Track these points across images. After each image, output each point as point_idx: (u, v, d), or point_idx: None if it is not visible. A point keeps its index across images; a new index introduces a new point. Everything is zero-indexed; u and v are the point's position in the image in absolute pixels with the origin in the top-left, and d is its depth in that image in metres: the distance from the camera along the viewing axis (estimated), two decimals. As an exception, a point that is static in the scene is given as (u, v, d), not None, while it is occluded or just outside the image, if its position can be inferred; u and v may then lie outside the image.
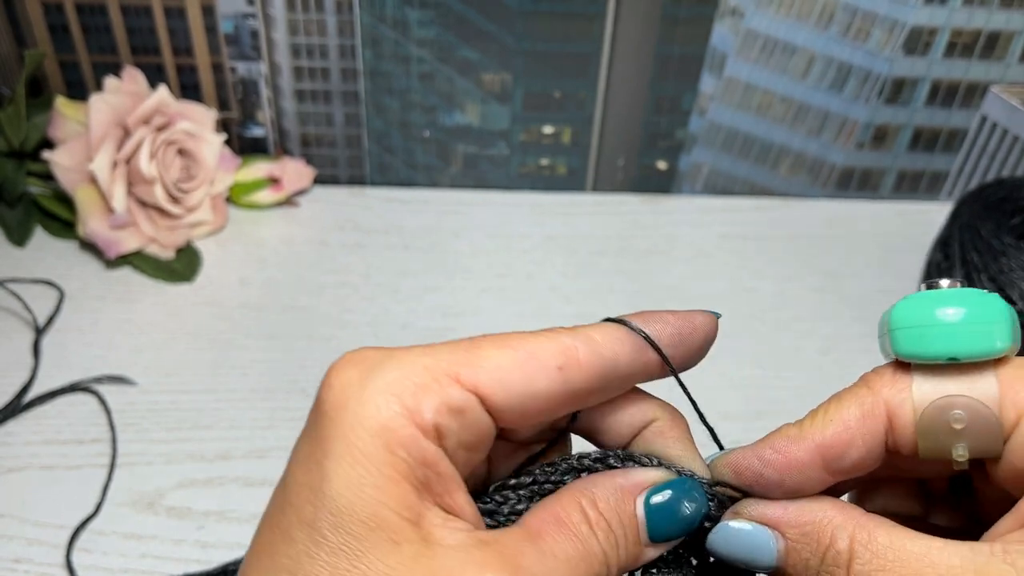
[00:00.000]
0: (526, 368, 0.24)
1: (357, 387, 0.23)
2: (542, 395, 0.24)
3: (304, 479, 0.23)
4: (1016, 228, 0.68)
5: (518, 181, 0.85)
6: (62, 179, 0.69)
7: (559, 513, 0.25)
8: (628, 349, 0.26)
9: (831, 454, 0.25)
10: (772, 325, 0.71)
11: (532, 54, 0.77)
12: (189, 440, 0.59)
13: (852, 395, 0.25)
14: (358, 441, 0.23)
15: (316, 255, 0.76)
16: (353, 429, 0.23)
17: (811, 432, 0.25)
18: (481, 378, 0.24)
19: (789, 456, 0.25)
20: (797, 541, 0.25)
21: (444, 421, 0.23)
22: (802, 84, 0.80)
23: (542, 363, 0.24)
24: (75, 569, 0.51)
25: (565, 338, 0.25)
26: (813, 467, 0.25)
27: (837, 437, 0.25)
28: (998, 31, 0.76)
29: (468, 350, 0.24)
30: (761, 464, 0.26)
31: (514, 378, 0.24)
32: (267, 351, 0.66)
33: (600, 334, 0.26)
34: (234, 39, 0.77)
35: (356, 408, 0.23)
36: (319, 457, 0.23)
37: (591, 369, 0.25)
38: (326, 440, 0.23)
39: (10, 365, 0.63)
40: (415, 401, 0.23)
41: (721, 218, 0.82)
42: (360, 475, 0.23)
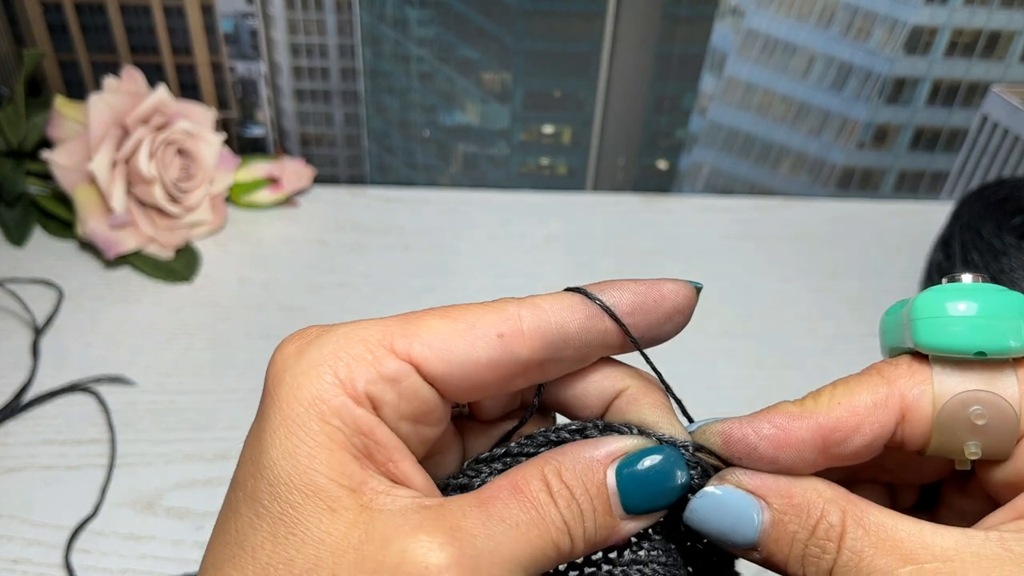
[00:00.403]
0: (465, 337, 0.24)
1: (293, 360, 0.24)
2: (483, 363, 0.24)
3: (247, 456, 0.24)
4: (1017, 228, 0.68)
5: (518, 181, 0.85)
6: (61, 179, 0.69)
7: (516, 480, 0.24)
8: (579, 317, 0.25)
9: (834, 438, 0.24)
10: (772, 325, 0.70)
11: (532, 54, 0.77)
12: (188, 440, 0.59)
13: (863, 382, 0.25)
14: (291, 412, 0.23)
15: (316, 255, 0.75)
16: (287, 401, 0.23)
17: (815, 412, 0.24)
18: (415, 348, 0.24)
19: (789, 433, 0.24)
20: (785, 512, 0.24)
21: (377, 390, 0.24)
22: (803, 84, 0.80)
23: (481, 331, 0.24)
24: (74, 569, 0.51)
25: (510, 307, 0.25)
26: (811, 448, 0.24)
27: (843, 421, 0.24)
28: (999, 31, 0.76)
29: (407, 321, 0.24)
30: (757, 437, 0.25)
31: (452, 347, 0.24)
32: (266, 351, 0.65)
33: (549, 302, 0.25)
34: (233, 38, 0.77)
35: (290, 380, 0.23)
36: (258, 431, 0.24)
37: (536, 337, 0.25)
38: (265, 414, 0.24)
39: (9, 365, 0.63)
40: (347, 371, 0.23)
41: (721, 218, 0.82)
42: (295, 444, 0.23)
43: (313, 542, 0.22)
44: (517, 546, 0.23)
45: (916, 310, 0.24)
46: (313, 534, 0.22)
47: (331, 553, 0.22)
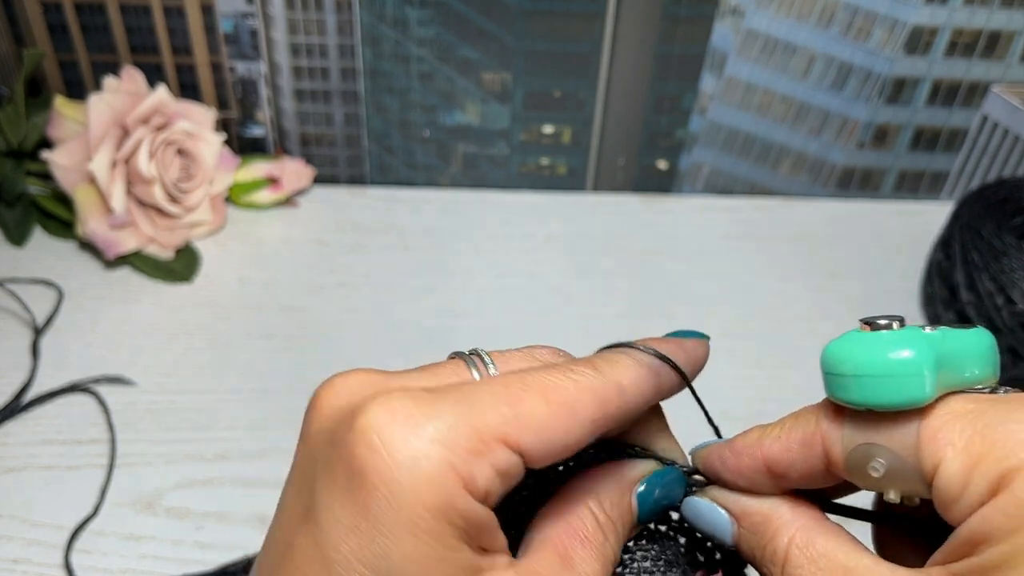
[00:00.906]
0: (565, 424, 0.24)
1: (407, 453, 0.22)
2: (574, 445, 0.25)
3: (356, 552, 0.22)
4: (1017, 228, 0.68)
5: (518, 181, 0.85)
6: (61, 179, 0.69)
7: (577, 527, 0.26)
8: (650, 387, 0.27)
9: (776, 469, 0.26)
10: (772, 325, 0.70)
11: (532, 54, 0.77)
12: (188, 440, 0.59)
13: (803, 418, 0.26)
14: (419, 520, 0.22)
15: (316, 255, 0.75)
16: (412, 507, 0.22)
17: (762, 444, 0.26)
18: (525, 439, 0.23)
19: (739, 463, 0.27)
20: (746, 530, 0.27)
21: (494, 486, 0.23)
22: (803, 84, 0.80)
23: (580, 419, 0.24)
24: (74, 569, 0.51)
25: (598, 386, 0.25)
26: (760, 475, 0.26)
27: (780, 456, 0.26)
28: (999, 31, 0.76)
29: (511, 405, 0.23)
30: (720, 464, 0.27)
31: (554, 436, 0.24)
32: (266, 351, 0.66)
33: (627, 377, 0.26)
34: (233, 38, 0.77)
35: (410, 481, 0.22)
36: (371, 532, 0.22)
37: (619, 417, 0.26)
38: (379, 514, 0.22)
39: (9, 365, 0.63)
40: (468, 469, 0.22)
41: (721, 218, 0.82)
42: (425, 553, 0.22)
43: None
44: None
45: (821, 362, 0.25)
46: None
47: None
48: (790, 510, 0.26)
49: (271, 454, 0.58)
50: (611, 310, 0.70)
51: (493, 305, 0.71)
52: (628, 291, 0.73)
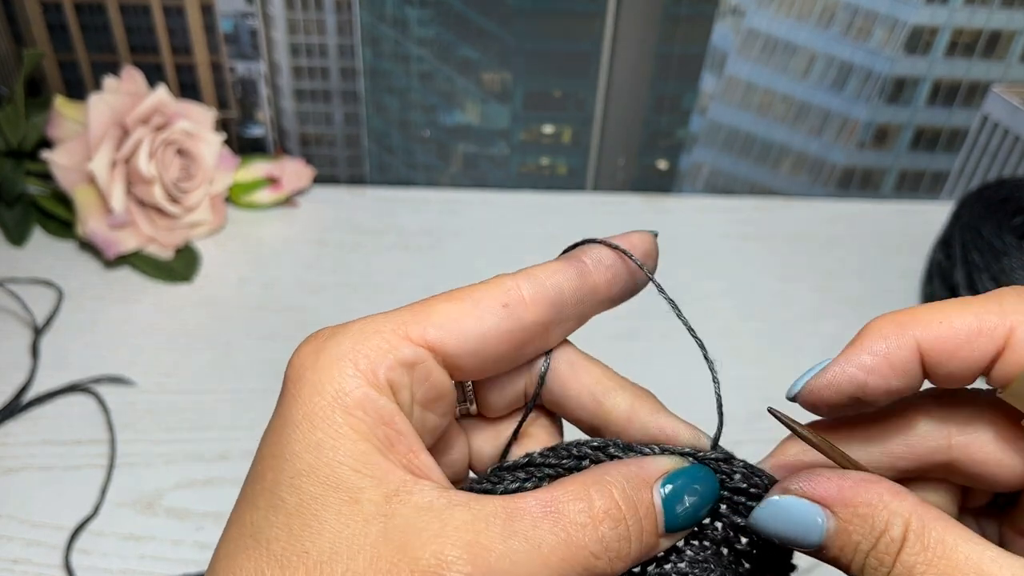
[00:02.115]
0: (473, 313, 0.25)
1: (312, 359, 0.24)
2: (493, 334, 0.25)
3: (266, 450, 0.24)
4: (1017, 228, 0.67)
5: (518, 181, 0.85)
6: (61, 179, 0.69)
7: (553, 497, 0.23)
8: (572, 276, 0.27)
9: (931, 358, 0.24)
10: (772, 325, 0.70)
11: (532, 53, 0.77)
12: (188, 440, 0.59)
13: (976, 304, 0.24)
14: (314, 406, 0.23)
15: (315, 255, 0.75)
16: (310, 396, 0.24)
17: (914, 326, 0.24)
18: (429, 331, 0.25)
19: (892, 358, 0.24)
20: (849, 522, 0.24)
21: (396, 376, 0.24)
22: (803, 83, 0.80)
23: (487, 305, 0.25)
24: (74, 570, 0.51)
25: (507, 280, 0.26)
26: (914, 368, 0.24)
27: (942, 342, 0.24)
28: (999, 30, 0.76)
29: (417, 309, 0.25)
30: (864, 372, 0.24)
31: (463, 324, 0.25)
32: (266, 351, 0.66)
33: (541, 269, 0.27)
34: (233, 38, 0.77)
35: (311, 377, 0.24)
36: (279, 426, 0.24)
37: (538, 301, 0.26)
38: (285, 410, 0.24)
39: (9, 365, 0.63)
40: (367, 362, 0.24)
41: (721, 218, 0.82)
42: (319, 438, 0.23)
43: (330, 534, 0.22)
44: (538, 569, 0.22)
45: None
46: (331, 526, 0.22)
47: (347, 547, 0.22)
48: (893, 495, 0.23)
49: (271, 454, 0.58)
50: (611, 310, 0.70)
51: (493, 305, 0.71)
52: (628, 291, 0.73)
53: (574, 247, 0.28)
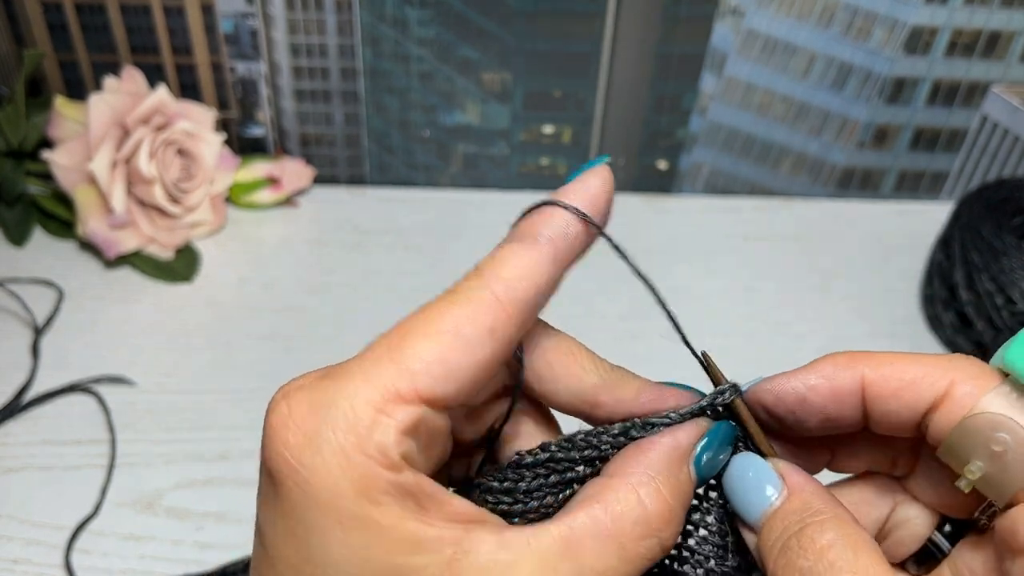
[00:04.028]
0: (458, 347, 0.23)
1: (308, 452, 0.22)
2: (482, 364, 0.24)
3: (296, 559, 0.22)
4: (1017, 228, 0.68)
5: (518, 181, 0.85)
6: (61, 179, 0.69)
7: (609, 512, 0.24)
8: (544, 267, 0.25)
9: (871, 392, 0.24)
10: (772, 325, 0.70)
11: (532, 54, 0.77)
12: (188, 440, 0.59)
13: (928, 359, 0.25)
14: (341, 511, 0.22)
15: (316, 255, 0.75)
16: (332, 500, 0.22)
17: (862, 365, 0.25)
18: (419, 381, 0.23)
19: (835, 382, 0.25)
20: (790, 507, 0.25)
21: (405, 448, 0.22)
22: (803, 84, 0.80)
23: (472, 334, 0.23)
24: (74, 570, 0.51)
25: (482, 294, 0.24)
26: (852, 401, 0.25)
27: (887, 380, 0.24)
28: (999, 31, 0.76)
29: (396, 356, 0.23)
30: (805, 388, 0.25)
31: (451, 364, 0.23)
32: (266, 351, 0.66)
33: (509, 267, 0.25)
34: (233, 38, 0.77)
35: (322, 478, 0.22)
36: (305, 535, 0.22)
37: (519, 312, 0.24)
38: (306, 515, 0.22)
39: (9, 365, 0.63)
40: (374, 445, 0.22)
41: (721, 218, 0.82)
42: (359, 539, 0.22)
43: None
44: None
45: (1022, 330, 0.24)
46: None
47: None
48: (847, 511, 0.24)
49: (271, 454, 0.58)
50: (611, 310, 0.70)
51: (493, 305, 0.71)
52: (628, 291, 0.73)
53: (530, 211, 0.26)
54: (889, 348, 0.26)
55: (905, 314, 0.72)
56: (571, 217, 0.26)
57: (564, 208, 0.26)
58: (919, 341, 0.69)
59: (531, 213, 0.26)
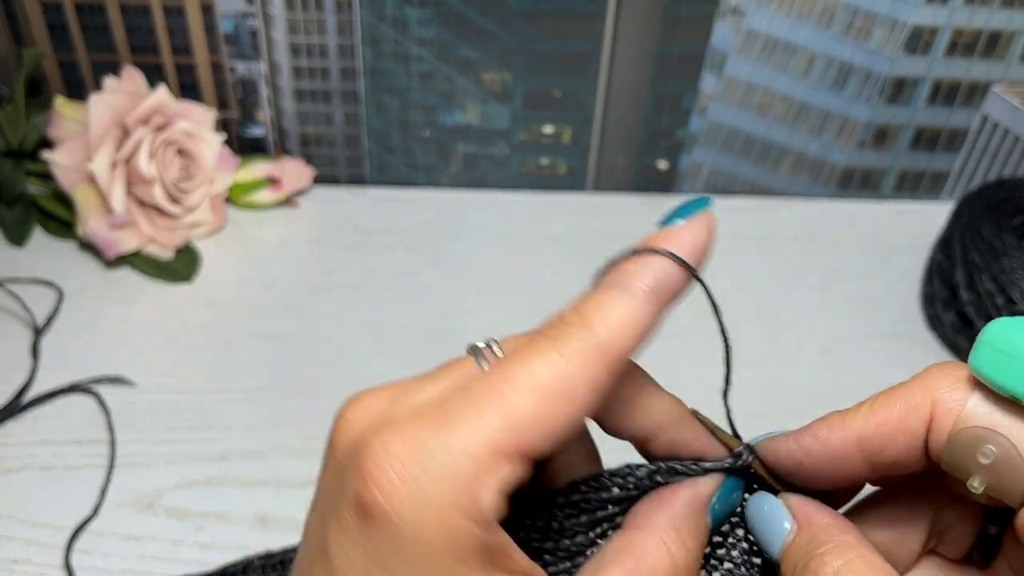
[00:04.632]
0: (562, 411, 0.23)
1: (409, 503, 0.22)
2: (583, 416, 0.23)
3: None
4: (1017, 228, 0.67)
5: (518, 181, 0.85)
6: (61, 179, 0.69)
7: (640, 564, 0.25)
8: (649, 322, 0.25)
9: (870, 446, 0.25)
10: (773, 325, 0.70)
11: (532, 54, 0.77)
12: (188, 440, 0.59)
13: (904, 389, 0.25)
14: (429, 560, 0.21)
15: (316, 255, 0.75)
16: (419, 548, 0.21)
17: (854, 423, 0.25)
18: (523, 440, 0.22)
19: (829, 445, 0.25)
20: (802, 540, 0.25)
21: (497, 502, 0.22)
22: (803, 83, 0.80)
23: (577, 396, 0.23)
24: (74, 570, 0.51)
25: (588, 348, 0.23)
26: (852, 458, 0.25)
27: (878, 429, 0.25)
28: (999, 31, 0.76)
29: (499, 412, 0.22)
30: (802, 452, 0.26)
31: (553, 424, 0.22)
32: (266, 351, 0.66)
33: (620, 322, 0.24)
34: (233, 38, 0.77)
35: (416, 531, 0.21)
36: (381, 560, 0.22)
37: (620, 365, 0.24)
38: (388, 556, 0.22)
39: (9, 365, 0.63)
40: (470, 500, 0.22)
41: (721, 218, 0.81)
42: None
43: None
44: None
45: (984, 333, 0.24)
46: None
47: None
48: (856, 536, 0.25)
49: (271, 454, 0.58)
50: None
51: (493, 305, 0.71)
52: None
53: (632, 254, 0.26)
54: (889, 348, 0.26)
55: (905, 314, 0.72)
56: (674, 267, 0.26)
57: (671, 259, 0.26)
58: (919, 341, 0.69)
59: (633, 258, 0.26)
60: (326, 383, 0.63)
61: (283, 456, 0.58)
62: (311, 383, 0.63)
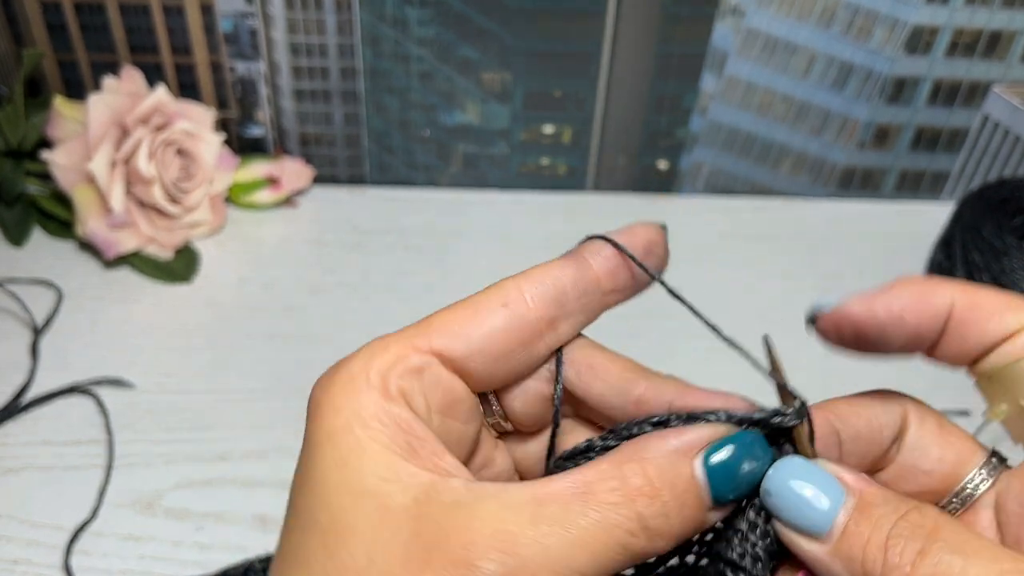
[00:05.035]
0: (474, 316, 0.26)
1: (326, 383, 0.25)
2: (495, 332, 0.26)
3: (297, 478, 0.24)
4: (1018, 228, 0.67)
5: (518, 181, 0.85)
6: (60, 179, 0.69)
7: (584, 479, 0.23)
8: (569, 271, 0.27)
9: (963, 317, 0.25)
10: (773, 325, 0.70)
11: (532, 53, 0.77)
12: (187, 441, 0.59)
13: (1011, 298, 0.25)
14: (333, 426, 0.24)
15: (315, 255, 0.75)
16: (329, 417, 0.24)
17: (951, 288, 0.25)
18: (434, 339, 0.25)
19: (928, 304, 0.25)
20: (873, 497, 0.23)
21: (406, 384, 0.25)
22: (803, 83, 0.80)
23: (486, 307, 0.26)
24: (73, 570, 0.51)
25: (506, 282, 0.27)
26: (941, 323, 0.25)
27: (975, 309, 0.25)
28: (1000, 31, 0.76)
29: (420, 323, 0.26)
30: (901, 308, 0.26)
31: (464, 327, 0.26)
32: (266, 351, 0.65)
33: (538, 267, 0.27)
34: (233, 38, 0.77)
35: (327, 399, 0.24)
36: (305, 452, 0.24)
37: (536, 297, 0.27)
38: (309, 436, 0.25)
39: (8, 366, 0.63)
40: (378, 376, 0.24)
41: (721, 218, 0.82)
42: (342, 454, 0.23)
43: (364, 544, 0.22)
44: (572, 552, 0.22)
45: None
46: (364, 536, 0.22)
47: (381, 552, 0.22)
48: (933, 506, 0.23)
49: (271, 454, 0.58)
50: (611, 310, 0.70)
51: (493, 305, 0.71)
52: (628, 291, 0.73)
53: (578, 245, 0.29)
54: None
55: (905, 314, 0.72)
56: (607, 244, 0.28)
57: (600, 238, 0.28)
58: (920, 341, 0.69)
59: None
60: (326, 383, 0.63)
61: (283, 456, 0.58)
62: (311, 383, 0.63)
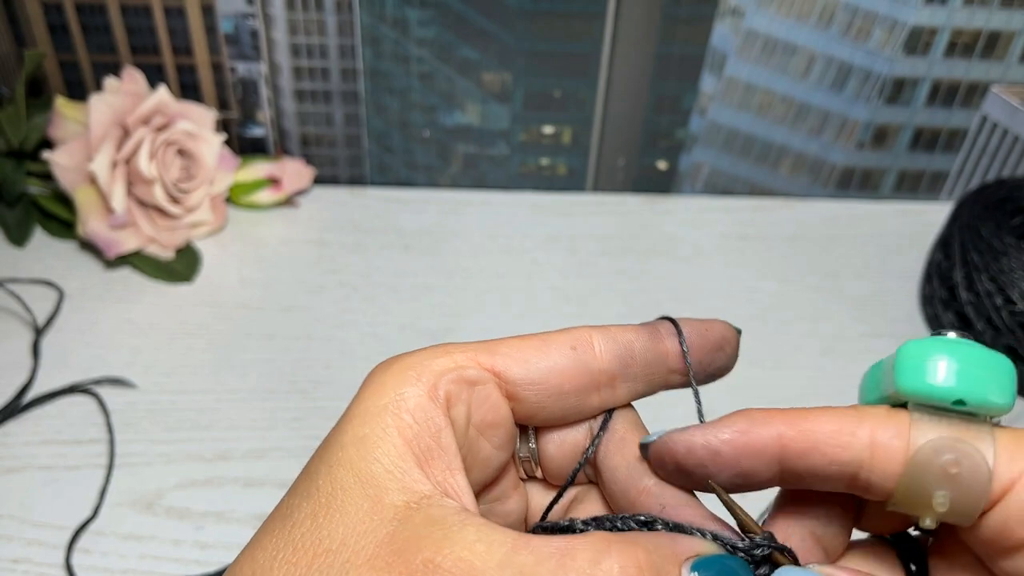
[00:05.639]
0: (540, 349, 0.26)
1: (384, 367, 0.26)
2: (557, 369, 0.26)
3: (321, 445, 0.25)
4: (1017, 228, 0.68)
5: (518, 181, 0.85)
6: (62, 179, 0.69)
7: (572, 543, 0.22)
8: (644, 337, 0.27)
9: (792, 449, 0.24)
10: (772, 325, 0.70)
11: (532, 54, 0.77)
12: (188, 440, 0.59)
13: (839, 411, 0.24)
14: (372, 406, 0.24)
15: (316, 255, 0.75)
16: (371, 396, 0.25)
17: (780, 419, 0.24)
18: (497, 359, 0.26)
19: (750, 437, 0.24)
20: None
21: (455, 390, 0.25)
22: (802, 84, 0.80)
23: (555, 345, 0.26)
24: (74, 570, 0.51)
25: (579, 328, 0.27)
26: (770, 457, 0.24)
27: (805, 435, 0.24)
28: (999, 31, 0.76)
29: (487, 342, 0.26)
30: (719, 442, 0.25)
31: (528, 356, 0.26)
32: (267, 351, 0.66)
33: (613, 326, 0.27)
34: (234, 39, 0.77)
35: (377, 380, 0.25)
36: (338, 424, 0.25)
37: (605, 350, 0.27)
38: (349, 408, 0.25)
39: (9, 365, 0.63)
40: (431, 375, 0.25)
41: (721, 218, 0.82)
42: (365, 432, 0.24)
43: (345, 526, 0.22)
44: None
45: (901, 354, 0.24)
46: (350, 518, 0.22)
47: (355, 540, 0.22)
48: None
49: (271, 454, 0.58)
50: (611, 310, 0.70)
51: (493, 305, 0.71)
52: (628, 291, 0.73)
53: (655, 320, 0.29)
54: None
55: (904, 314, 0.72)
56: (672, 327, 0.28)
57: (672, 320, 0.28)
58: (919, 341, 0.69)
59: None
60: (326, 383, 0.63)
61: (283, 456, 0.58)
62: (311, 383, 0.63)
